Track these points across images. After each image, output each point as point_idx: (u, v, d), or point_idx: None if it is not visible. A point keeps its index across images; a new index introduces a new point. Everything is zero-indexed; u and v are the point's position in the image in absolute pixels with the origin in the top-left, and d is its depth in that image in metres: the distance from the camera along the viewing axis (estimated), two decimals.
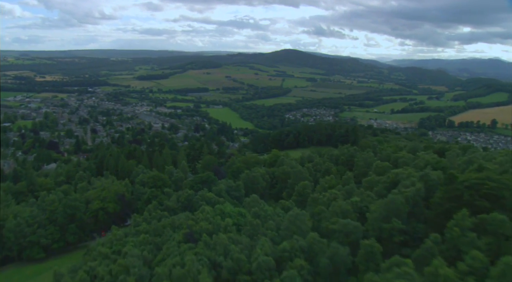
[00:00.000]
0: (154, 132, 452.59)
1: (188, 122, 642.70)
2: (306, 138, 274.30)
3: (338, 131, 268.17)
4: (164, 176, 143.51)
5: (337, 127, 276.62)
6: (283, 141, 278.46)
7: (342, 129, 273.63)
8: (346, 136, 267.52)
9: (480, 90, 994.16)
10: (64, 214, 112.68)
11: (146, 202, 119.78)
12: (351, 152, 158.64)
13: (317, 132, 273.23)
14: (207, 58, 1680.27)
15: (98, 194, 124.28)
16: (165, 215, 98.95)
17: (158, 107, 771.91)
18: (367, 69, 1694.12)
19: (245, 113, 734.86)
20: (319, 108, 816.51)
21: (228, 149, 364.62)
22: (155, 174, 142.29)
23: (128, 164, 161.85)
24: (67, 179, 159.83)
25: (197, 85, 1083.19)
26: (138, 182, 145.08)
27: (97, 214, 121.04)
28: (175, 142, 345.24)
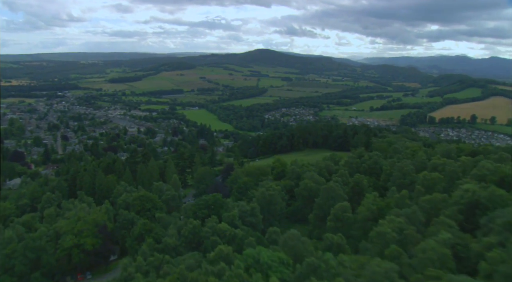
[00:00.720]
0: (130, 138, 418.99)
1: (165, 125, 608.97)
2: (300, 141, 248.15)
3: (336, 132, 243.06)
4: (153, 196, 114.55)
5: (333, 128, 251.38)
6: (276, 144, 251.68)
7: (339, 130, 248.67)
8: (344, 137, 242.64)
9: (453, 86, 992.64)
10: (24, 259, 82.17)
11: (137, 239, 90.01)
12: (373, 158, 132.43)
13: (313, 134, 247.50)
14: (180, 59, 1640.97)
15: (72, 227, 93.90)
16: (167, 260, 70.23)
17: (132, 111, 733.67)
18: (341, 68, 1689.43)
19: (223, 115, 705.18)
20: (297, 107, 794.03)
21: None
22: (143, 194, 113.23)
23: (107, 180, 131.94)
24: (32, 201, 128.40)
25: (171, 87, 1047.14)
26: (121, 203, 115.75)
27: (70, 253, 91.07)
28: (154, 147, 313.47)
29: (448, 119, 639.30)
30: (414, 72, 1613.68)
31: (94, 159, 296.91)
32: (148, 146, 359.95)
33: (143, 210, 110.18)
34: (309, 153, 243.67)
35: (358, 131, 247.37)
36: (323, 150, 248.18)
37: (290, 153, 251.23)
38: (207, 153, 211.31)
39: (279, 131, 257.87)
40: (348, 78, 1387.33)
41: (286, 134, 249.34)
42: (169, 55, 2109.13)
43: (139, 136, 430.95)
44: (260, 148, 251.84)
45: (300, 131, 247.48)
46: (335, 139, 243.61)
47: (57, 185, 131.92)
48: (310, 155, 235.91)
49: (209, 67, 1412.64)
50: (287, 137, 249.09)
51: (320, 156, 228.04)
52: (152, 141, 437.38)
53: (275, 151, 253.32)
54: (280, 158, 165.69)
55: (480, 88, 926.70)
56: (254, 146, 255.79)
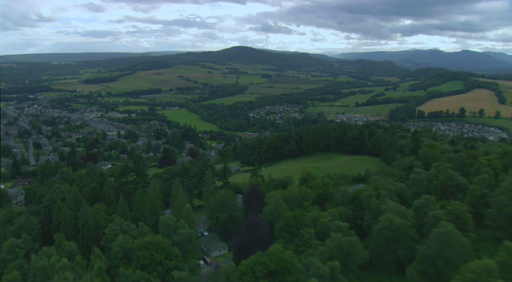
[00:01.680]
0: (111, 143, 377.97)
1: (146, 127, 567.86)
2: (311, 144, 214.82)
3: (350, 133, 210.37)
4: (164, 241, 79.16)
5: (347, 129, 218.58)
6: (282, 148, 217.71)
7: (354, 130, 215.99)
8: (360, 139, 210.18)
9: (434, 80, 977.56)
10: None
11: None
12: (447, 172, 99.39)
13: (324, 136, 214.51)
14: (156, 58, 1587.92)
15: None
16: None
17: (109, 112, 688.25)
18: (318, 64, 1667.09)
19: (205, 114, 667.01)
20: (281, 104, 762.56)
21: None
22: (150, 241, 77.74)
23: (95, 214, 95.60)
24: None
25: (149, 87, 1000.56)
26: (117, 252, 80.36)
27: None
28: (140, 155, 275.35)
29: (437, 113, 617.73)
30: (391, 67, 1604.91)
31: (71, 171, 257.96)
32: (132, 151, 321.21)
33: (152, 264, 75.06)
34: (321, 158, 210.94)
35: (375, 132, 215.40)
36: (336, 153, 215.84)
37: (299, 158, 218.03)
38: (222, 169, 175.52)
39: (285, 133, 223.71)
40: (326, 74, 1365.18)
41: (293, 137, 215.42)
42: (144, 54, 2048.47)
43: (120, 141, 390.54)
44: (264, 153, 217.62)
45: (309, 134, 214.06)
46: (349, 142, 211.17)
47: (25, 223, 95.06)
48: (324, 161, 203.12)
49: (187, 66, 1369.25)
50: (295, 140, 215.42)
51: (336, 162, 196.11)
52: (134, 145, 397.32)
53: (281, 156, 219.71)
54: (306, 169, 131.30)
55: (460, 81, 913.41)
56: (257, 151, 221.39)
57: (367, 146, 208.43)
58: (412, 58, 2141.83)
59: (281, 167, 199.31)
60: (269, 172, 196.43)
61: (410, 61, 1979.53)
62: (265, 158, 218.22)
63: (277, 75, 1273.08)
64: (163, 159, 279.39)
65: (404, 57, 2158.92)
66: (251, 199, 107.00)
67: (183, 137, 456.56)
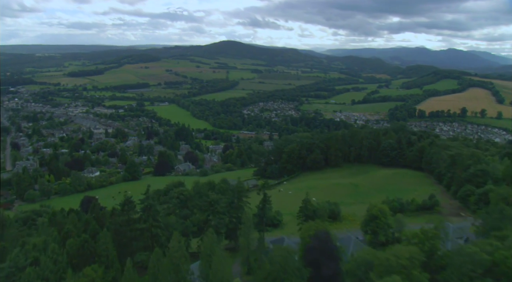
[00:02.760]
0: (98, 144, 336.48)
1: (135, 124, 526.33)
2: (339, 154, 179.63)
3: (386, 142, 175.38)
4: None
5: (381, 135, 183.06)
6: (305, 158, 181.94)
7: (391, 139, 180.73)
8: (399, 149, 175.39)
9: (428, 78, 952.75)
10: None
11: None
12: None
13: (355, 145, 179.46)
14: (143, 51, 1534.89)
15: None
16: None
17: (95, 108, 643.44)
18: (307, 59, 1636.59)
19: (196, 111, 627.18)
20: (275, 101, 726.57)
21: (205, 166, 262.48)
22: None
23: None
24: None
25: (137, 81, 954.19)
26: None
27: None
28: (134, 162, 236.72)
29: (438, 112, 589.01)
30: (380, 64, 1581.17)
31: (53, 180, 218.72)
32: (122, 154, 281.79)
33: None
34: (353, 171, 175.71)
35: (414, 142, 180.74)
36: (369, 166, 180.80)
37: (324, 170, 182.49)
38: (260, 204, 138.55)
39: (308, 140, 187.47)
40: (316, 70, 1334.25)
41: (319, 145, 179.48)
42: (130, 48, 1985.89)
43: (108, 141, 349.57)
44: (284, 163, 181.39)
45: (338, 142, 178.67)
46: (385, 152, 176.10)
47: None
48: (359, 175, 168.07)
49: (175, 60, 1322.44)
50: (321, 149, 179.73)
51: (375, 178, 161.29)
52: (124, 146, 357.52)
53: (304, 167, 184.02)
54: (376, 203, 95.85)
55: (454, 80, 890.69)
56: (275, 161, 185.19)
57: (406, 157, 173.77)
58: (400, 55, 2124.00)
59: (308, 183, 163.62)
60: (293, 187, 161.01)
61: (397, 59, 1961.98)
62: (285, 169, 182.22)
63: (267, 71, 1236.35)
64: (159, 166, 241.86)
65: (392, 55, 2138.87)
66: (319, 257, 70.67)
67: (177, 136, 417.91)
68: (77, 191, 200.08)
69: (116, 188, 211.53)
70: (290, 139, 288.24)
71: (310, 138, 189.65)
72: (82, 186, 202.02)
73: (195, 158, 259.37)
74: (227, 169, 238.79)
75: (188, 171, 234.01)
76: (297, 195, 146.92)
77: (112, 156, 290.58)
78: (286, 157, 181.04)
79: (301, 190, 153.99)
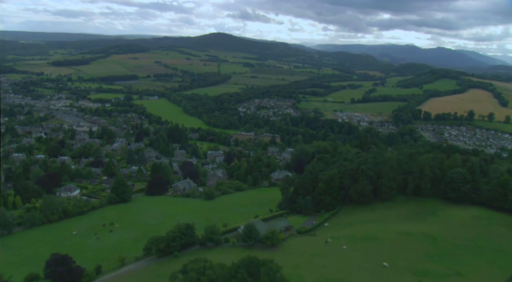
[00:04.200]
0: (81, 147, 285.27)
1: (123, 121, 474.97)
2: (394, 186, 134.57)
3: (456, 172, 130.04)
4: None
5: (446, 163, 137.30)
6: (347, 188, 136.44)
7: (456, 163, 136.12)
8: (472, 182, 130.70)
9: (425, 77, 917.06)
10: None
11: None
12: None
13: (414, 174, 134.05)
14: (132, 42, 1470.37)
15: None
16: None
17: (80, 101, 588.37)
18: (298, 54, 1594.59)
19: (189, 107, 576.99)
20: (271, 98, 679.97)
21: (208, 183, 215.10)
22: None
23: None
24: None
25: (125, 72, 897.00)
26: None
27: None
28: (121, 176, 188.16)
29: (444, 115, 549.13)
30: (371, 60, 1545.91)
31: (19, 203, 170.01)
32: (108, 164, 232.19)
33: None
34: (415, 210, 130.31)
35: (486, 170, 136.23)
36: (432, 201, 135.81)
37: (373, 204, 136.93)
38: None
39: (349, 165, 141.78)
40: (308, 65, 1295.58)
41: (368, 173, 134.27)
42: (118, 37, 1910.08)
43: (92, 144, 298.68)
44: (321, 195, 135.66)
45: (392, 169, 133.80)
46: (454, 185, 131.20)
47: None
48: (426, 217, 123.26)
49: (164, 51, 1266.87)
50: (369, 177, 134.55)
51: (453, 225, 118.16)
52: (110, 150, 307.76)
53: (345, 199, 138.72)
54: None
55: (452, 80, 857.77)
56: (309, 191, 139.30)
57: (481, 193, 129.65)
58: (389, 52, 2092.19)
59: (361, 229, 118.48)
60: (343, 235, 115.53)
61: (387, 56, 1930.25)
62: (321, 203, 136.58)
63: (259, 65, 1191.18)
64: (153, 183, 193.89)
65: (381, 51, 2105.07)
66: None
67: (170, 137, 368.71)
68: (49, 221, 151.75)
69: (100, 214, 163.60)
70: (306, 150, 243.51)
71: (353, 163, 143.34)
72: (56, 213, 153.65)
73: (195, 172, 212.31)
74: (236, 188, 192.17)
75: (189, 190, 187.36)
76: (356, 252, 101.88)
77: (97, 164, 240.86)
78: (323, 186, 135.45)
79: (357, 241, 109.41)
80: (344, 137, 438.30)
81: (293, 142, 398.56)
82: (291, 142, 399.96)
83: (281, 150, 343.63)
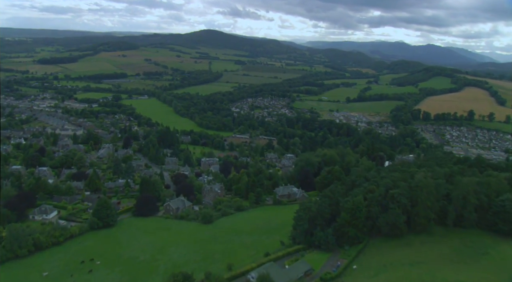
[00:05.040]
0: (62, 156, 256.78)
1: (110, 123, 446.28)
2: (431, 216, 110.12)
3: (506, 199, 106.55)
4: None
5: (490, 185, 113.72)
6: (375, 218, 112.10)
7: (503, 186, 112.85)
8: None
9: (419, 75, 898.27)
10: None
11: None
12: None
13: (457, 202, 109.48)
14: (121, 39, 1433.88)
15: None
16: None
17: (66, 101, 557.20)
18: (289, 51, 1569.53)
19: (180, 107, 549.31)
20: (265, 97, 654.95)
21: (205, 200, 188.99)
22: None
23: None
24: None
25: (113, 70, 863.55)
26: None
27: None
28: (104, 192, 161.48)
29: (444, 115, 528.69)
30: (362, 58, 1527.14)
31: None
32: (92, 178, 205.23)
33: None
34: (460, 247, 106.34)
35: None
36: (477, 233, 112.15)
37: (407, 238, 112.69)
38: None
39: (375, 188, 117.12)
40: (300, 63, 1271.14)
41: (398, 199, 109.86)
42: (107, 34, 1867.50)
43: (76, 152, 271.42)
44: (344, 226, 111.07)
45: (429, 196, 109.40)
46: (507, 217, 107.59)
47: None
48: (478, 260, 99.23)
49: (154, 48, 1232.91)
50: (402, 206, 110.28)
51: None
52: (95, 157, 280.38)
53: (372, 230, 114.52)
54: None
55: (446, 77, 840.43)
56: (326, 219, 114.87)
57: None
58: (379, 49, 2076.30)
59: (397, 273, 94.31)
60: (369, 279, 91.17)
61: (377, 53, 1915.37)
62: (344, 236, 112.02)
63: (251, 62, 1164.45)
64: (142, 202, 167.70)
65: (372, 49, 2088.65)
66: None
67: (160, 142, 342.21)
68: (16, 256, 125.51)
69: (79, 245, 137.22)
70: (311, 160, 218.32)
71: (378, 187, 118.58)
72: (25, 247, 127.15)
73: (189, 188, 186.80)
74: (236, 208, 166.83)
75: (183, 212, 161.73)
76: None
77: (79, 177, 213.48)
78: (347, 217, 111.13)
79: None
80: (343, 139, 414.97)
81: (291, 146, 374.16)
82: (289, 145, 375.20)
83: (279, 156, 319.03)
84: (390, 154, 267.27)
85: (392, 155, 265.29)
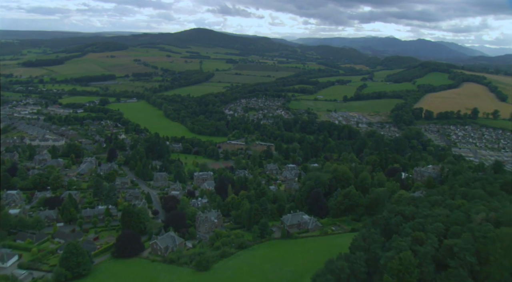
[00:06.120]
0: (37, 174, 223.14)
1: (95, 131, 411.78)
2: (508, 276, 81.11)
3: None
4: None
5: None
6: (427, 280, 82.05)
7: None
8: None
9: (415, 71, 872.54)
10: None
11: None
12: None
13: None
14: (109, 39, 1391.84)
15: None
16: None
17: (49, 107, 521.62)
18: (281, 48, 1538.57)
19: (170, 110, 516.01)
20: (259, 97, 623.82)
21: (199, 233, 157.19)
22: None
23: None
24: None
25: (101, 72, 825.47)
26: None
27: None
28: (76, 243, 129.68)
29: (447, 114, 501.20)
30: (355, 54, 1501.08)
31: None
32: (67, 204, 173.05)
33: None
34: None
35: None
36: None
37: None
38: None
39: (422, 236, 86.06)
40: (292, 60, 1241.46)
41: (464, 258, 79.74)
42: (96, 35, 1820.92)
43: (53, 168, 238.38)
44: None
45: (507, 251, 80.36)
46: None
47: None
48: None
49: (143, 48, 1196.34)
50: (467, 264, 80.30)
51: None
52: (77, 173, 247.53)
53: None
54: None
55: (443, 73, 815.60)
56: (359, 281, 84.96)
57: None
58: (370, 45, 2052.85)
59: None
60: None
61: (368, 48, 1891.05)
62: None
63: (242, 61, 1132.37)
64: (124, 242, 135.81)
65: (363, 44, 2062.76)
66: None
67: (148, 152, 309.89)
68: None
69: None
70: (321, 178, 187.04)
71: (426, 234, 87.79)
72: None
73: (181, 218, 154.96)
74: (238, 246, 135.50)
75: (173, 253, 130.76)
76: None
77: (52, 203, 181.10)
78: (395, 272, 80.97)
79: None
80: (345, 143, 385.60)
81: (291, 153, 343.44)
82: (289, 152, 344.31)
83: (280, 166, 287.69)
84: (404, 164, 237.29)
85: (406, 166, 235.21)
